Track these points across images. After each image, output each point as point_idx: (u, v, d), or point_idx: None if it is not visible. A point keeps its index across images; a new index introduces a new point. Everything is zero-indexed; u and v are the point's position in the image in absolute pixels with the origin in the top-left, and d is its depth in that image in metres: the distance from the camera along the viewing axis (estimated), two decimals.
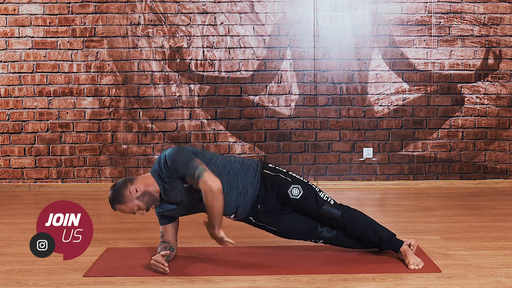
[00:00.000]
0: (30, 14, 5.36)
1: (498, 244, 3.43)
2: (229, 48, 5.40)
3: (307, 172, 5.49)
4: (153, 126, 5.45)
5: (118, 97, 5.43)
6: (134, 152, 5.47)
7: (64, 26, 5.37)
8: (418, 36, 5.40)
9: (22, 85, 5.42)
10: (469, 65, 5.44)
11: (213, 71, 5.41)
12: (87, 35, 5.38)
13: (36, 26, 5.37)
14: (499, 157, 5.52)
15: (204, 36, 5.39)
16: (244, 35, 5.39)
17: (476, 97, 5.47)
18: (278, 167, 3.15)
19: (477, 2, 5.38)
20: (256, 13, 5.37)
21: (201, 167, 2.84)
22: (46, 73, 5.41)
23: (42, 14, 5.36)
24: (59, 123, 5.45)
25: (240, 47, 5.40)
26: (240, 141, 5.47)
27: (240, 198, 3.01)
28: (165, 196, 2.95)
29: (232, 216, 3.09)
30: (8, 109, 5.44)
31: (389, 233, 3.11)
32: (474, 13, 5.39)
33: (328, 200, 3.08)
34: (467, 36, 5.41)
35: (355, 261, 3.08)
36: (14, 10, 5.35)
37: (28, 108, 5.43)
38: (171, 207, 3.04)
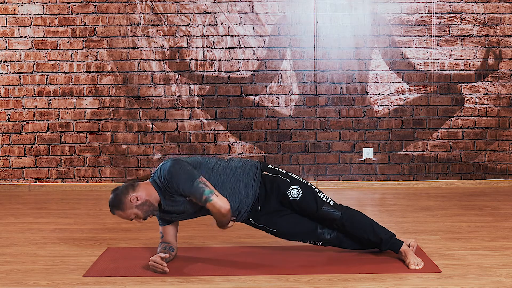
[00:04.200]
0: (30, 14, 5.36)
1: (498, 244, 3.43)
2: (229, 48, 5.40)
3: (307, 172, 5.49)
4: (153, 126, 5.45)
5: (118, 97, 5.43)
6: (134, 152, 5.47)
7: (64, 26, 5.37)
8: (418, 36, 5.40)
9: (22, 85, 5.42)
10: (469, 65, 5.44)
11: (213, 71, 5.41)
12: (87, 35, 5.38)
13: (36, 26, 5.37)
14: (499, 157, 5.52)
15: (204, 36, 5.38)
16: (244, 35, 5.39)
17: (476, 97, 5.46)
18: (277, 168, 3.16)
19: (477, 2, 5.38)
20: (256, 13, 5.37)
21: (207, 189, 2.85)
22: (46, 73, 5.41)
23: (42, 14, 5.36)
24: (59, 123, 5.44)
25: (240, 47, 5.40)
26: (240, 141, 5.46)
27: (242, 202, 3.04)
28: (166, 206, 2.97)
29: (232, 218, 3.08)
30: (8, 109, 5.44)
31: (389, 233, 3.11)
32: (474, 13, 5.39)
33: (328, 200, 3.08)
34: (467, 36, 5.41)
35: (355, 261, 3.08)
36: (14, 10, 5.35)
37: (28, 108, 5.43)
38: (172, 215, 3.05)
